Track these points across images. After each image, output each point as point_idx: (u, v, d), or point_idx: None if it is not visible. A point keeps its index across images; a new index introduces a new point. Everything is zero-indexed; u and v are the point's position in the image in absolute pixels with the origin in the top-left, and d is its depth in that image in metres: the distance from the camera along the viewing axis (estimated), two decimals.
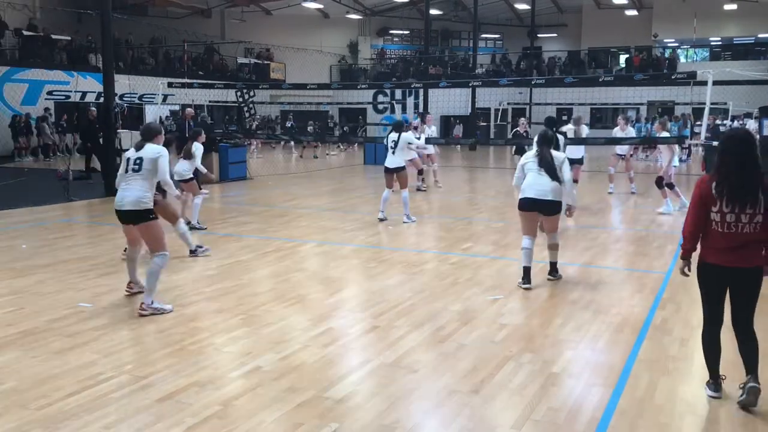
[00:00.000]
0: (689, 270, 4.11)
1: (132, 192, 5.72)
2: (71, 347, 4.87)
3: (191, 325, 5.40)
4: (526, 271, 6.53)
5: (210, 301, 6.10)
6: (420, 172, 14.39)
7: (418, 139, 12.12)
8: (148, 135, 5.96)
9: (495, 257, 8.02)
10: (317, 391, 4.13)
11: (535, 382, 4.28)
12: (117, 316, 5.63)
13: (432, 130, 15.76)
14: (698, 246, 4.06)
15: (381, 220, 10.30)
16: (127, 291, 6.27)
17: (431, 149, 14.90)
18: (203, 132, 10.19)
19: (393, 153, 10.22)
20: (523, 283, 6.51)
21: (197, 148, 9.45)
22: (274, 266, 7.56)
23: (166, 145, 6.16)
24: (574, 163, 10.59)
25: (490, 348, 4.91)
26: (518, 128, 14.31)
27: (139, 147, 5.86)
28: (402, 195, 10.39)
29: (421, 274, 7.21)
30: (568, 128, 11.94)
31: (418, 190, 14.17)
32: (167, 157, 5.92)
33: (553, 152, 6.63)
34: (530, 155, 6.73)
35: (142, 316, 5.58)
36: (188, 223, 9.06)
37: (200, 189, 9.61)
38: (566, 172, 6.55)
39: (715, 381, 4.09)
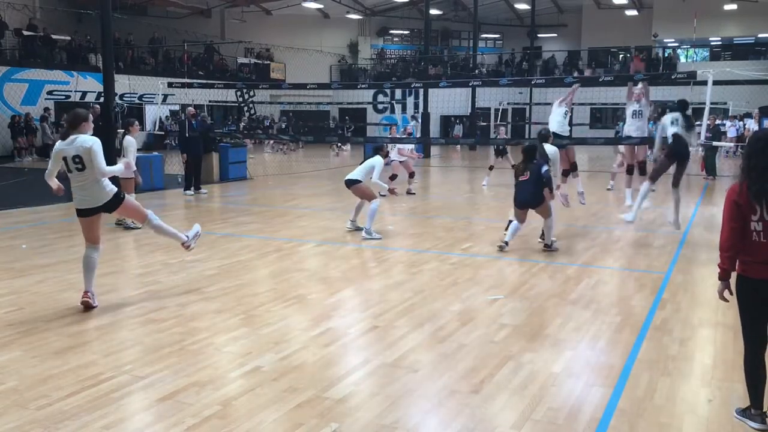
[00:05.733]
0: (731, 293, 3.75)
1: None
2: (71, 347, 4.87)
3: (191, 325, 5.40)
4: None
5: (210, 301, 6.10)
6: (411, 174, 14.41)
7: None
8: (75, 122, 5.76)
9: (495, 257, 8.01)
10: (317, 391, 4.13)
11: (535, 382, 4.28)
12: (117, 316, 5.64)
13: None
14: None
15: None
16: None
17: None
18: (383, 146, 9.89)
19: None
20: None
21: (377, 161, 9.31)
22: (274, 266, 7.56)
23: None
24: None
25: (490, 348, 4.91)
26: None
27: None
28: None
29: (421, 274, 7.21)
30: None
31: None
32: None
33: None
34: None
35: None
36: (359, 228, 9.30)
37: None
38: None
39: (760, 412, 3.69)
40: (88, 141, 5.66)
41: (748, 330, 3.72)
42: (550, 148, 8.82)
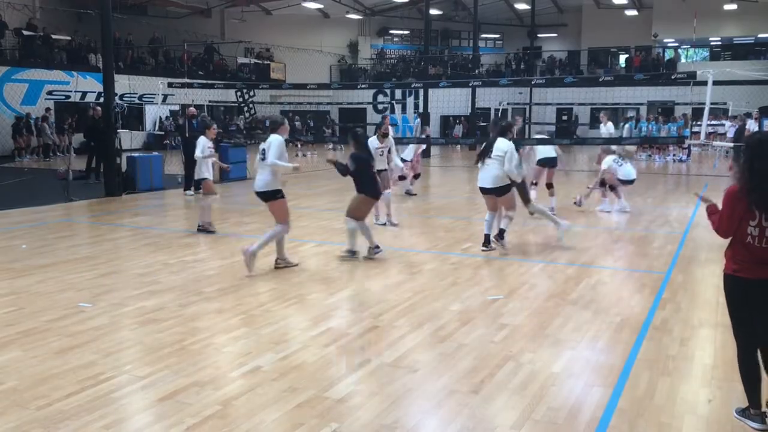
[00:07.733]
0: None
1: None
2: (71, 347, 4.87)
3: (191, 325, 5.41)
4: None
5: (210, 301, 6.10)
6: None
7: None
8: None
9: (495, 257, 8.01)
10: (317, 390, 4.13)
11: (535, 382, 4.28)
12: (117, 316, 5.64)
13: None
14: (725, 258, 3.74)
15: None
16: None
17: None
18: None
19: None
20: None
21: None
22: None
23: None
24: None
25: (490, 348, 4.91)
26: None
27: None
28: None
29: (421, 274, 7.21)
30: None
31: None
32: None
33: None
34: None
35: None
36: (384, 224, 9.79)
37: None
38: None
39: (760, 412, 3.68)
40: (273, 139, 7.14)
41: (740, 330, 3.71)
42: (503, 144, 8.01)
